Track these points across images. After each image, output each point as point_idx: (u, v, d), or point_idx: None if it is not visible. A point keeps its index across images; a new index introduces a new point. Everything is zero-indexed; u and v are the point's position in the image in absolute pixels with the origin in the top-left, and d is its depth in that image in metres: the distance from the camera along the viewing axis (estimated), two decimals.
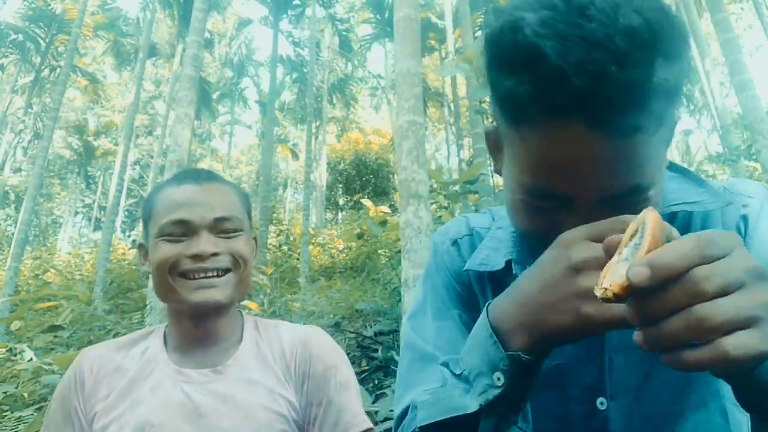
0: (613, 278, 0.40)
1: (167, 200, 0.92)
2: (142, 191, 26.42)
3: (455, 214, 6.55)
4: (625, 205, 0.50)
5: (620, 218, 0.47)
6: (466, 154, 18.37)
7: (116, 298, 11.01)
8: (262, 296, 6.80)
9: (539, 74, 0.46)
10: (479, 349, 0.54)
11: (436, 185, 5.61)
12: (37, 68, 17.74)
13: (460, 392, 0.55)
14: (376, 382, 4.98)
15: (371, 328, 6.71)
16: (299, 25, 18.34)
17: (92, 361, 0.94)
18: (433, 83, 20.77)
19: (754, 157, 7.87)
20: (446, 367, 0.59)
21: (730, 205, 0.60)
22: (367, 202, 8.69)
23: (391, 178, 21.59)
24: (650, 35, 0.45)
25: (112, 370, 0.93)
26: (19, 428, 3.13)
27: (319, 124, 20.28)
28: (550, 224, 0.53)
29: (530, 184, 0.53)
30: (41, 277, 13.78)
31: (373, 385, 4.88)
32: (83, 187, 27.84)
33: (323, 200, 21.46)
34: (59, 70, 13.85)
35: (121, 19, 18.01)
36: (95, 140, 24.63)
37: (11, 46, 17.11)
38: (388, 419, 3.40)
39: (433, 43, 18.95)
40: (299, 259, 11.33)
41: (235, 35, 19.88)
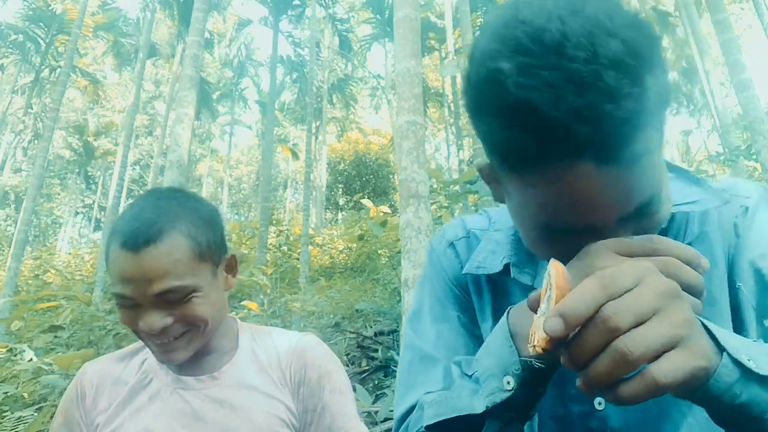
0: (537, 333, 0.41)
1: (111, 263, 0.85)
2: (142, 191, 26.38)
3: (455, 214, 6.56)
4: (643, 215, 0.50)
5: (649, 237, 0.49)
6: (466, 154, 18.39)
7: None
8: (261, 296, 6.80)
9: (536, 126, 0.44)
10: (495, 351, 0.54)
11: (436, 185, 5.62)
12: (37, 68, 17.76)
13: (468, 393, 0.55)
14: (376, 382, 4.98)
15: (371, 328, 6.72)
16: (299, 25, 18.36)
17: (93, 374, 0.96)
18: (433, 83, 20.78)
19: (754, 157, 7.87)
20: (458, 366, 0.59)
21: (727, 204, 0.60)
22: (367, 202, 8.69)
23: (391, 178, 21.59)
24: (633, 59, 0.43)
25: (112, 381, 0.94)
26: (19, 428, 3.13)
27: (319, 124, 20.30)
28: (574, 248, 0.51)
29: (546, 221, 0.52)
30: (41, 277, 13.80)
31: (373, 385, 4.88)
32: (83, 187, 27.87)
33: (323, 200, 21.47)
34: (59, 70, 13.82)
35: (121, 19, 18.02)
36: (95, 140, 24.66)
37: (11, 46, 17.15)
38: (388, 419, 3.39)
39: (433, 43, 18.98)
40: (299, 259, 11.33)
41: (235, 35, 19.87)
